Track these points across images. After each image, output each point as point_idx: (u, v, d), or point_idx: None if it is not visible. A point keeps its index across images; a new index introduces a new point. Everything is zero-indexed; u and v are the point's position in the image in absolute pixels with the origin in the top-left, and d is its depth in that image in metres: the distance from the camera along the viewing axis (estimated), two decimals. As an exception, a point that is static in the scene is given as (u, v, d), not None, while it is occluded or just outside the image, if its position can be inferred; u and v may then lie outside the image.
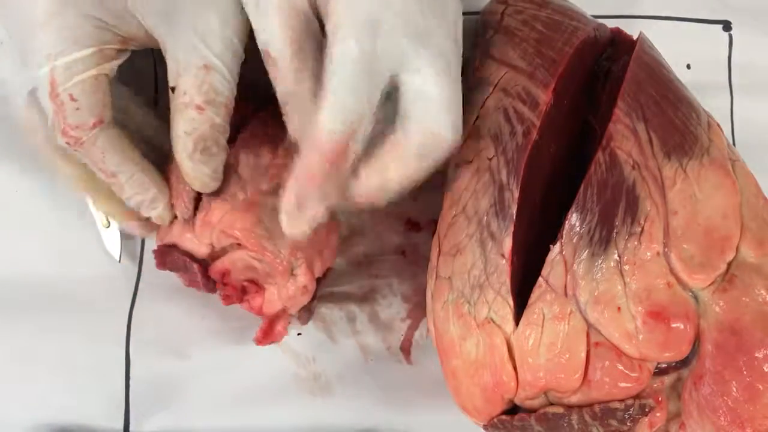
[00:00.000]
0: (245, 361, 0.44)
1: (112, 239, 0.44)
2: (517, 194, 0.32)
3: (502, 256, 0.32)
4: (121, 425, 0.43)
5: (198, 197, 0.40)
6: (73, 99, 0.32)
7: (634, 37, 0.39)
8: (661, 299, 0.30)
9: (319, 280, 0.42)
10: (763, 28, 0.47)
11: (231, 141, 0.41)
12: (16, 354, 0.43)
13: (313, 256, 0.40)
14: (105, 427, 0.43)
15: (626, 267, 0.31)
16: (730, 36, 0.47)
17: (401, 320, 0.46)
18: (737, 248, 0.32)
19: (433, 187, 0.46)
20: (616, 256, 0.31)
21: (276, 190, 0.39)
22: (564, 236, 0.32)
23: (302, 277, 0.40)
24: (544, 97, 0.33)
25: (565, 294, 0.31)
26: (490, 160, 0.33)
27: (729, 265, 0.31)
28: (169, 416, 0.43)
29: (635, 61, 0.35)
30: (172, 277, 0.44)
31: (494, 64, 0.36)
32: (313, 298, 0.42)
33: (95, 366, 0.43)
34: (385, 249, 0.47)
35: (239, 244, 0.40)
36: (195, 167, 0.36)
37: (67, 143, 0.33)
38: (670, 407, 0.32)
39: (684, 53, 0.47)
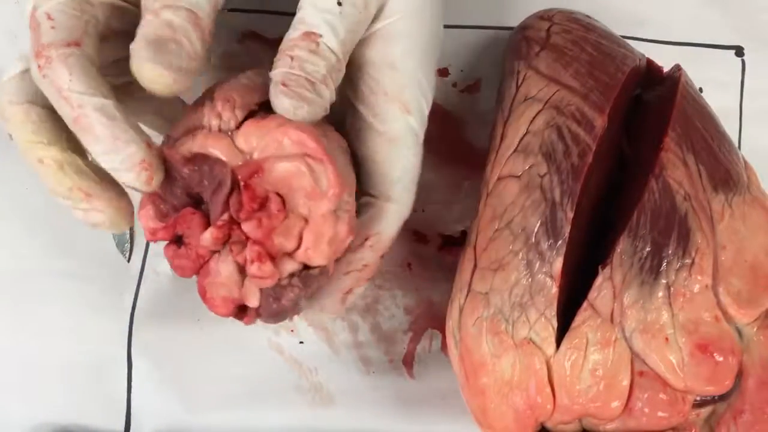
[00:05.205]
0: (247, 365, 0.43)
1: (122, 239, 0.43)
2: (571, 215, 0.31)
3: (551, 276, 0.31)
4: (122, 426, 0.41)
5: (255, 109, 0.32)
6: (50, 18, 0.30)
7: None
8: (709, 332, 0.30)
9: (314, 280, 0.39)
10: None
11: None
12: (17, 353, 0.42)
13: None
14: (106, 428, 0.41)
15: (675, 298, 0.31)
16: (743, 61, 0.47)
17: (403, 332, 0.45)
18: (781, 287, 0.32)
19: (442, 200, 0.46)
20: (665, 286, 0.31)
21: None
22: (614, 261, 0.31)
23: (343, 226, 0.31)
24: (600, 121, 0.33)
25: (611, 320, 0.31)
26: (541, 177, 0.32)
27: (773, 303, 0.32)
28: (171, 418, 0.42)
29: (682, 93, 0.35)
30: (174, 279, 0.43)
31: (543, 80, 0.35)
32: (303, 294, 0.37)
33: (97, 366, 0.42)
34: (391, 260, 0.45)
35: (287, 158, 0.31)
36: (153, 65, 0.30)
37: (39, 67, 0.29)
38: (702, 440, 0.32)
39: (695, 78, 0.47)
